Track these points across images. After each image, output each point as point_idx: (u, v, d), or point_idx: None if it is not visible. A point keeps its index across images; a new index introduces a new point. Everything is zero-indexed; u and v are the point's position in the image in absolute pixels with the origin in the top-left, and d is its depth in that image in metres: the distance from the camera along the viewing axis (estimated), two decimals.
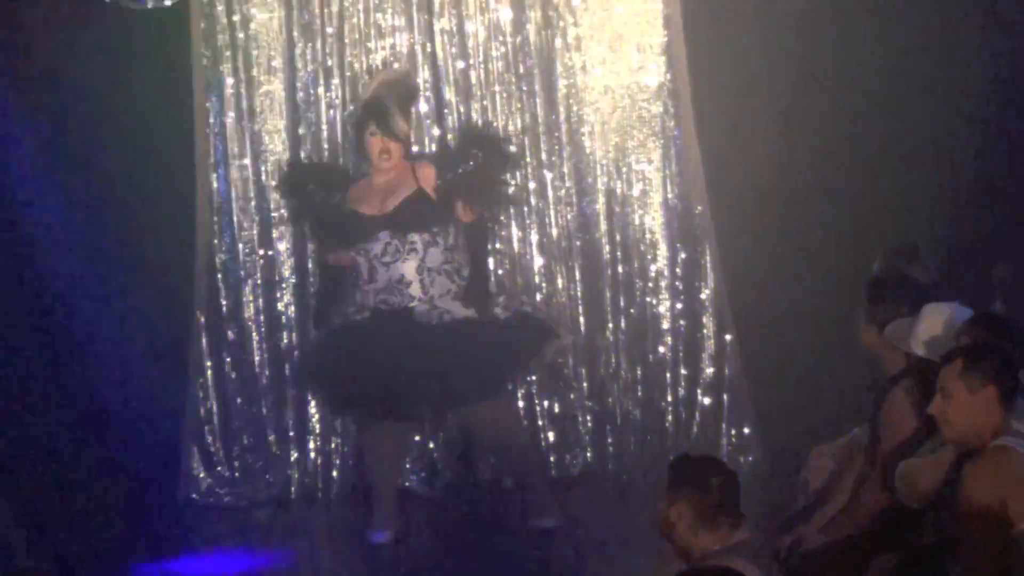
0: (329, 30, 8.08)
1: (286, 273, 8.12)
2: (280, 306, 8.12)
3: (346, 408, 7.60)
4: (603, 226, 8.14)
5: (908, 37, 7.93)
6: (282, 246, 8.11)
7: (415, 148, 7.70)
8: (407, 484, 7.89)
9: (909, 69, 7.95)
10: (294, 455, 8.06)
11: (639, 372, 8.15)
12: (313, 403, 8.00)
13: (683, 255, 8.11)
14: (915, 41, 7.92)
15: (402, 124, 7.31)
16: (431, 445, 8.02)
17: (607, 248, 8.15)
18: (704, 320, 8.11)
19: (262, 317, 8.11)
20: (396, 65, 7.97)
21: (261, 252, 8.11)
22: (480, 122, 7.96)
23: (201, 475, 8.05)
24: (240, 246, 8.12)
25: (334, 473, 8.04)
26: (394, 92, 7.39)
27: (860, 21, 7.96)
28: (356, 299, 7.34)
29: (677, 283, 8.12)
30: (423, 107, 8.03)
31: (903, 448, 5.40)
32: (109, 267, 8.04)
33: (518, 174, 7.89)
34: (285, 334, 8.11)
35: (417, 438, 7.98)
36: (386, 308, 7.21)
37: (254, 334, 8.11)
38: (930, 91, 7.94)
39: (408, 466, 7.95)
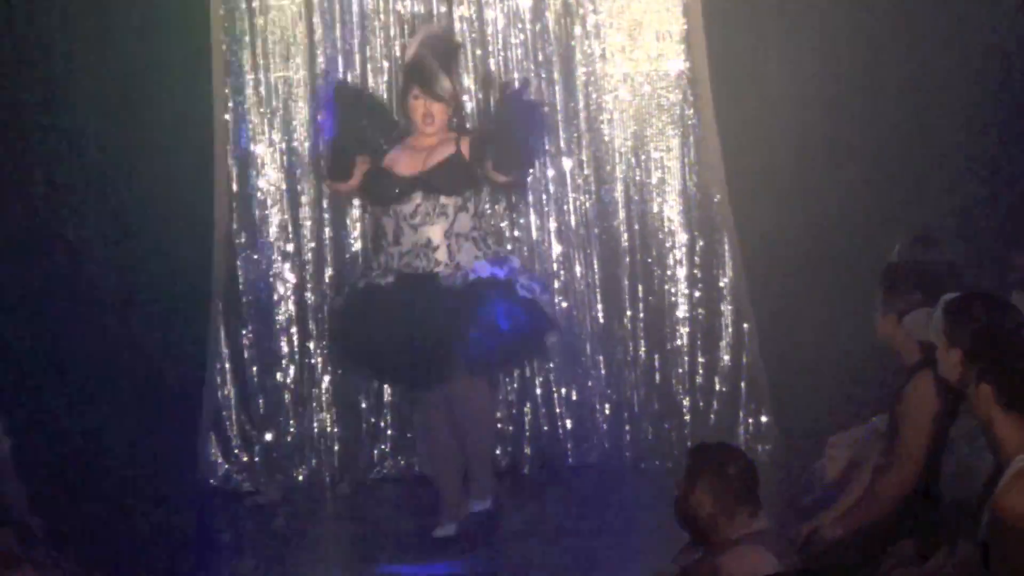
0: (348, 17, 8.09)
1: (306, 258, 8.12)
2: (299, 290, 8.14)
3: (360, 368, 7.59)
4: (621, 214, 8.15)
5: (929, 26, 7.90)
6: (303, 230, 8.11)
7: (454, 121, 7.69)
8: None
9: (930, 57, 7.92)
10: (313, 441, 8.10)
11: (657, 360, 8.15)
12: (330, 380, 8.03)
13: (701, 243, 8.12)
14: (936, 30, 7.89)
15: (446, 84, 7.19)
16: None
17: (625, 236, 8.15)
18: (722, 308, 8.12)
19: (281, 303, 8.12)
20: (434, 22, 7.93)
21: (280, 237, 8.12)
22: (516, 81, 7.87)
23: (219, 460, 8.07)
24: (258, 232, 8.12)
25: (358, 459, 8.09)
26: (435, 51, 7.25)
27: (881, 10, 7.93)
28: (380, 262, 7.24)
29: (695, 271, 8.13)
30: None
31: (925, 437, 5.39)
32: (125, 252, 8.03)
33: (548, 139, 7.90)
34: (305, 319, 8.12)
35: None
36: (409, 272, 7.10)
37: (272, 319, 8.12)
38: (951, 80, 7.91)
39: None
